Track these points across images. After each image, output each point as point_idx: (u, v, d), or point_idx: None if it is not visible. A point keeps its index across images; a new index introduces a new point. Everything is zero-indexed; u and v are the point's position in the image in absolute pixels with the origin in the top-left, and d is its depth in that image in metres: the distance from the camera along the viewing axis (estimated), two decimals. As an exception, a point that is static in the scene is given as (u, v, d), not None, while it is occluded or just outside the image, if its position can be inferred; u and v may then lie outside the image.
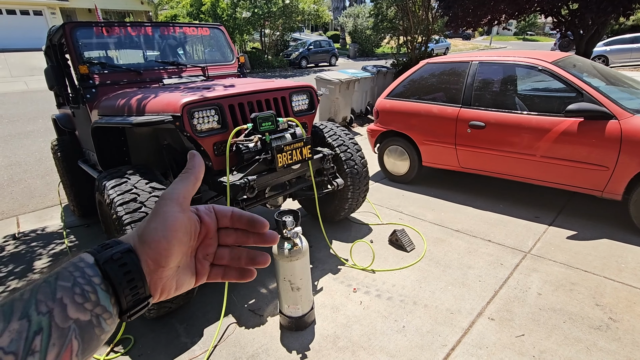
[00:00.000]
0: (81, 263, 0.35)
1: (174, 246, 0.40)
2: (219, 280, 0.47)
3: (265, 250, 0.48)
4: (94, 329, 0.34)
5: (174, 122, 2.03)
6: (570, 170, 3.05)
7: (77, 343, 0.32)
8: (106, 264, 0.36)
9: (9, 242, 3.37)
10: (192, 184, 0.43)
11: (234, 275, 0.48)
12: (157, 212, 0.40)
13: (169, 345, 2.04)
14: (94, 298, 0.34)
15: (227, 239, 0.47)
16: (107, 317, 0.35)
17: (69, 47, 2.76)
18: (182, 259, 0.42)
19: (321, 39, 22.07)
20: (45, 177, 5.01)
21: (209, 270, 0.46)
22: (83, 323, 0.33)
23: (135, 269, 0.37)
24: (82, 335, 0.32)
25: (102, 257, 0.36)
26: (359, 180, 2.96)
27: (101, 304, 0.35)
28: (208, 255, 0.46)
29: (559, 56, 3.45)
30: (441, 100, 3.82)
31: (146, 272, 0.39)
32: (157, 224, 0.40)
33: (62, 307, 0.32)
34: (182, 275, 0.43)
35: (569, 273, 2.46)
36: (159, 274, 0.40)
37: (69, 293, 0.33)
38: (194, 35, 3.54)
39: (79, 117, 3.16)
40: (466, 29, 10.42)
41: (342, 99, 6.41)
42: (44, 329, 0.30)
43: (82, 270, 0.35)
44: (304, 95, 2.68)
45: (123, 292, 0.36)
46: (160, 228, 0.39)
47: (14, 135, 6.89)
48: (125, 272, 0.37)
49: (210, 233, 0.45)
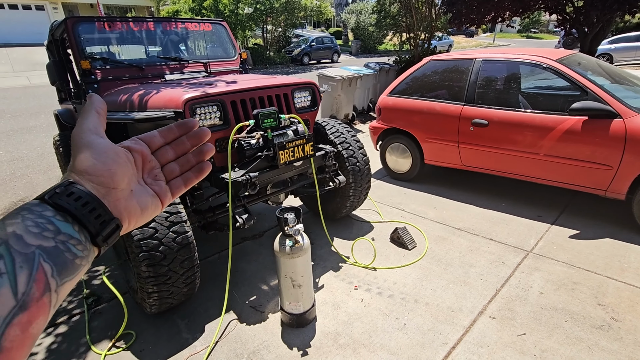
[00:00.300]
0: (26, 205, 0.35)
1: (111, 165, 0.40)
2: (183, 190, 0.49)
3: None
4: (64, 254, 0.33)
5: (176, 118, 2.02)
6: (573, 169, 3.03)
7: (49, 265, 0.32)
8: (53, 197, 0.36)
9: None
10: (95, 116, 0.43)
11: (192, 177, 0.50)
12: (79, 145, 0.40)
13: (170, 340, 2.05)
14: (51, 227, 0.34)
15: (167, 155, 0.49)
16: (75, 243, 0.35)
17: (70, 42, 2.75)
18: (130, 182, 0.43)
19: (323, 36, 21.98)
20: (47, 172, 5.02)
21: (167, 188, 0.48)
22: (48, 249, 0.32)
23: (84, 194, 0.37)
24: (51, 259, 0.32)
25: (47, 194, 0.36)
26: (361, 178, 2.95)
27: (63, 232, 0.34)
28: (157, 176, 0.47)
29: (564, 54, 3.43)
30: (444, 97, 3.80)
31: (99, 197, 0.39)
32: (84, 153, 0.39)
33: (17, 237, 0.31)
34: (141, 198, 0.44)
35: (571, 272, 2.46)
36: (113, 196, 0.40)
37: (20, 227, 0.32)
38: (196, 31, 3.53)
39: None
40: (469, 26, 10.36)
41: (344, 96, 6.39)
42: (4, 255, 0.30)
43: (28, 209, 0.34)
44: (307, 92, 2.67)
45: (83, 216, 0.36)
46: (89, 154, 0.39)
47: (17, 130, 6.90)
48: (75, 199, 0.36)
49: (146, 157, 0.47)
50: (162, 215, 1.95)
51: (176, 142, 0.49)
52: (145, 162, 0.47)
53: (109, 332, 2.13)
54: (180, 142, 0.50)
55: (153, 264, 1.89)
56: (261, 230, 3.22)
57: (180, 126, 0.49)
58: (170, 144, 0.49)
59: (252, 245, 3.00)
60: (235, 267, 2.68)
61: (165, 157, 0.49)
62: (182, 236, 1.97)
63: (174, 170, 0.49)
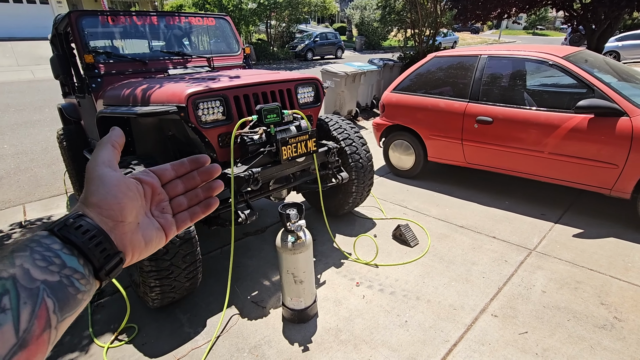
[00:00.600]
0: (35, 236, 0.36)
1: (121, 199, 0.41)
2: (189, 224, 0.50)
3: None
4: (68, 288, 0.34)
5: (178, 113, 2.02)
6: (578, 167, 3.00)
7: (52, 301, 0.32)
8: (62, 230, 0.37)
9: (15, 230, 3.40)
10: (110, 149, 0.44)
11: (199, 212, 0.51)
12: (91, 178, 0.41)
13: (172, 334, 2.06)
14: (58, 261, 0.34)
15: (176, 189, 0.49)
16: (79, 277, 0.35)
17: (74, 35, 2.74)
18: (138, 215, 0.43)
19: (327, 31, 21.85)
20: (51, 166, 5.05)
21: (173, 221, 0.48)
22: (53, 283, 0.33)
23: (92, 227, 0.38)
24: (55, 294, 0.33)
25: (56, 226, 0.37)
26: (364, 175, 2.94)
27: (69, 266, 0.35)
28: (164, 209, 0.48)
29: (571, 51, 3.38)
30: (448, 94, 3.77)
31: (107, 230, 0.39)
32: (96, 186, 0.40)
33: (24, 271, 0.32)
34: (146, 231, 0.44)
35: (574, 271, 2.44)
36: (120, 230, 0.41)
37: (29, 259, 0.33)
38: (199, 26, 3.51)
39: (85, 106, 3.16)
40: (475, 22, 10.26)
41: (347, 92, 6.36)
42: (10, 290, 0.30)
43: (37, 241, 0.35)
44: (310, 88, 2.66)
45: (89, 250, 0.37)
46: (101, 187, 0.40)
47: (21, 124, 6.93)
48: (83, 232, 0.37)
49: (156, 190, 0.47)
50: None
51: (187, 177, 0.50)
52: (155, 195, 0.47)
53: (111, 325, 2.15)
54: (191, 177, 0.50)
55: (155, 258, 1.89)
56: (263, 226, 3.22)
57: (193, 161, 0.50)
58: (181, 178, 0.50)
59: (254, 240, 3.01)
60: (237, 262, 2.69)
61: (174, 190, 0.49)
62: (184, 231, 1.97)
63: (181, 204, 0.50)
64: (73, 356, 1.95)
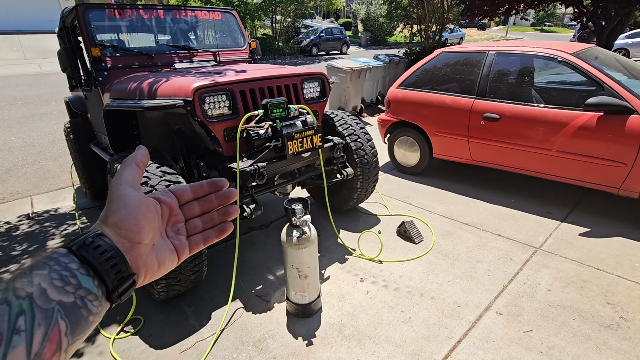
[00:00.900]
0: (54, 254, 0.36)
1: (140, 220, 0.41)
2: (201, 247, 0.50)
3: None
4: (80, 310, 0.34)
5: (185, 107, 2.02)
6: (586, 165, 2.97)
7: (65, 323, 0.32)
8: (81, 249, 0.37)
9: (23, 221, 3.44)
10: (134, 169, 0.45)
11: (212, 236, 0.50)
12: (113, 197, 0.42)
13: (177, 326, 2.08)
14: (74, 282, 0.35)
15: (193, 210, 0.50)
16: (92, 298, 0.36)
17: (81, 29, 2.75)
18: (154, 236, 0.44)
19: (333, 27, 21.72)
20: (58, 158, 5.09)
21: (187, 243, 0.48)
22: (67, 304, 0.33)
23: (110, 248, 0.38)
24: (68, 316, 0.33)
25: (75, 245, 0.37)
26: (369, 171, 2.93)
27: (84, 287, 0.35)
28: (179, 230, 0.48)
29: (580, 47, 3.34)
30: (455, 91, 3.74)
31: (123, 251, 0.40)
32: (117, 205, 0.41)
33: (41, 290, 0.32)
34: (160, 253, 0.45)
35: (580, 270, 2.43)
36: (136, 251, 0.41)
37: (46, 278, 0.33)
38: (205, 20, 3.50)
39: (91, 99, 3.17)
40: (482, 18, 10.14)
41: (352, 88, 6.33)
42: (26, 311, 0.30)
43: (56, 260, 0.35)
44: (316, 83, 2.65)
45: (105, 271, 0.37)
46: (122, 207, 0.41)
47: (28, 117, 6.99)
48: (101, 252, 0.37)
49: (173, 210, 0.48)
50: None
51: (204, 199, 0.51)
52: (172, 215, 0.48)
53: (117, 316, 2.17)
54: (208, 199, 0.51)
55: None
56: (268, 220, 3.23)
57: (211, 184, 0.51)
58: (198, 200, 0.50)
59: (259, 235, 3.02)
60: (242, 256, 2.70)
61: (191, 212, 0.50)
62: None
63: (196, 226, 0.50)
64: (80, 346, 1.97)
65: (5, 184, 4.34)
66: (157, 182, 2.01)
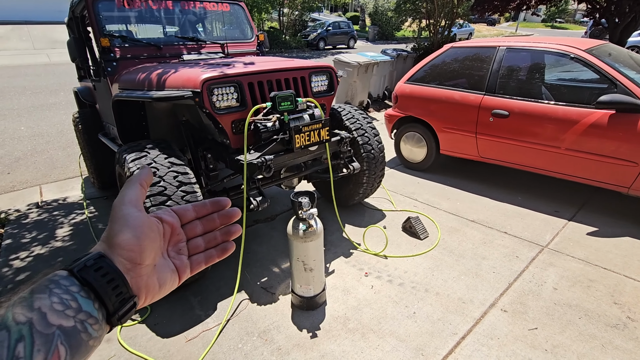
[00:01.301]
0: (55, 277, 0.35)
1: (143, 241, 0.41)
2: (203, 267, 0.49)
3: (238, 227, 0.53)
4: (80, 335, 0.34)
5: (193, 98, 2.02)
6: (596, 164, 2.93)
7: (64, 349, 0.32)
8: (82, 272, 0.36)
9: (32, 210, 3.49)
10: (138, 189, 0.45)
11: (214, 255, 0.50)
12: (116, 217, 0.41)
13: (183, 316, 2.11)
14: (74, 305, 0.34)
15: (195, 230, 0.49)
16: (92, 322, 0.35)
17: (90, 19, 2.75)
18: (156, 256, 0.43)
19: (340, 20, 21.54)
20: (66, 148, 5.14)
21: (188, 263, 0.48)
22: (67, 329, 0.33)
23: (112, 270, 0.38)
24: (68, 341, 0.32)
25: (76, 267, 0.37)
26: (375, 165, 2.92)
27: (84, 310, 0.35)
28: (181, 250, 0.48)
29: (593, 44, 3.28)
30: (463, 86, 3.70)
31: (124, 272, 0.39)
32: (120, 226, 0.40)
33: (41, 315, 0.31)
34: (161, 274, 0.44)
35: (587, 269, 2.41)
36: (137, 272, 0.41)
37: (47, 302, 0.32)
38: (213, 11, 3.49)
39: (100, 90, 3.19)
40: (492, 13, 9.98)
41: (359, 83, 6.29)
42: (26, 337, 0.30)
43: (56, 282, 0.35)
44: (324, 76, 2.63)
45: (106, 293, 0.37)
46: (125, 228, 0.40)
47: (37, 107, 7.05)
48: (102, 274, 0.37)
49: (175, 230, 0.47)
50: (178, 194, 1.97)
51: (206, 218, 0.50)
52: (174, 235, 0.47)
53: (124, 305, 2.20)
54: (211, 219, 0.50)
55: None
56: (273, 213, 3.24)
57: (214, 203, 0.51)
58: (200, 219, 0.50)
59: (264, 228, 3.03)
60: (247, 248, 2.72)
61: (193, 231, 0.49)
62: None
63: (198, 246, 0.49)
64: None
65: (15, 172, 4.39)
66: (165, 173, 2.02)
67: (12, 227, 3.15)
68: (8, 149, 5.07)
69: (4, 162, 4.66)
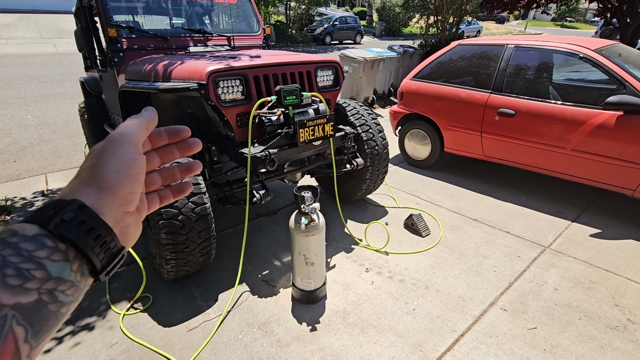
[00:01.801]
0: (13, 238, 0.29)
1: (138, 188, 0.37)
2: (157, 207, 0.43)
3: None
4: (47, 307, 0.28)
5: (199, 90, 2.03)
6: (601, 166, 2.91)
7: (23, 329, 0.26)
8: (60, 228, 0.30)
9: (38, 198, 3.53)
10: (145, 127, 0.39)
11: (169, 195, 0.45)
12: (114, 154, 0.35)
13: (185, 306, 2.13)
14: (39, 275, 0.28)
15: (152, 163, 0.42)
16: (65, 287, 0.29)
17: (98, 9, 2.76)
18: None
19: (347, 15, 21.37)
20: (72, 138, 5.17)
21: (145, 201, 0.41)
22: (27, 306, 0.27)
23: (98, 223, 0.32)
24: (29, 319, 0.27)
25: (52, 223, 0.30)
26: (379, 162, 2.92)
27: (54, 277, 0.29)
28: None
29: (603, 44, 3.23)
30: (470, 84, 3.67)
31: (115, 222, 0.34)
32: (117, 167, 0.34)
33: None
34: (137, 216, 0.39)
35: (589, 271, 2.40)
36: (125, 221, 0.36)
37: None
38: (220, 4, 3.48)
39: (106, 80, 3.20)
40: (501, 11, 9.87)
41: (365, 78, 6.26)
42: None
43: (14, 247, 0.28)
44: (330, 71, 2.62)
45: (93, 252, 0.31)
46: (122, 171, 0.35)
47: (44, 96, 7.08)
48: (87, 230, 0.31)
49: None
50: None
51: (164, 150, 0.44)
52: None
53: (127, 293, 2.23)
54: (169, 150, 0.44)
55: (172, 232, 1.94)
56: (276, 207, 3.25)
57: (172, 132, 0.44)
58: (157, 151, 0.43)
59: (266, 221, 3.05)
60: (249, 241, 2.73)
61: (150, 164, 0.42)
62: (200, 207, 2.01)
63: (155, 182, 0.43)
64: (91, 320, 2.04)
65: (21, 160, 4.43)
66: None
67: (17, 215, 3.19)
68: (14, 137, 5.12)
69: (11, 150, 4.70)
